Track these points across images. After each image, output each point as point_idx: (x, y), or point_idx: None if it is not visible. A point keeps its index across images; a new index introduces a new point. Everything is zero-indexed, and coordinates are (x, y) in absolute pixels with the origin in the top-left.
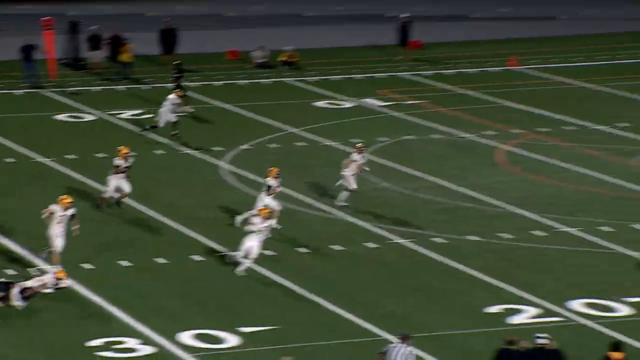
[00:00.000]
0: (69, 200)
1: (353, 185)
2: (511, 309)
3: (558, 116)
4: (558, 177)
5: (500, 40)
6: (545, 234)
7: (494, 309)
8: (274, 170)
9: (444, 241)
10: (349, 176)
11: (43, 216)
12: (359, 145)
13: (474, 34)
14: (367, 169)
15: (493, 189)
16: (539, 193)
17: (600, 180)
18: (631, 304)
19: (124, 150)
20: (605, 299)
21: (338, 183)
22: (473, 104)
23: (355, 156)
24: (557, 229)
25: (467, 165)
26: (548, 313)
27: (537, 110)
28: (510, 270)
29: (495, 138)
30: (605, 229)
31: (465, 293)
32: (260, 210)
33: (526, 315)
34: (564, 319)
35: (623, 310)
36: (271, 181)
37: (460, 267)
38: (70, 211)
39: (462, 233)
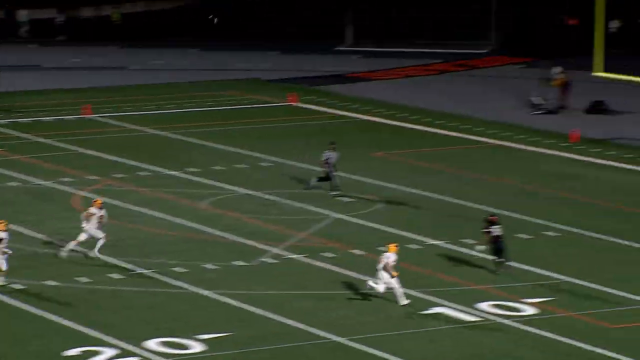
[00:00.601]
0: None
1: (100, 235)
2: (89, 351)
3: (133, 162)
4: (134, 221)
5: (74, 89)
6: (122, 276)
7: (73, 352)
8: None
9: (22, 287)
10: (91, 228)
11: None
12: (96, 200)
13: (48, 82)
14: (105, 220)
15: (71, 234)
16: (117, 237)
17: (173, 223)
18: (203, 341)
19: None
20: (178, 337)
21: (83, 238)
22: (49, 152)
23: (94, 210)
24: (133, 271)
25: (45, 211)
26: (125, 353)
27: (112, 157)
28: (88, 312)
29: (72, 184)
30: (178, 269)
31: (43, 337)
32: None
33: (104, 356)
34: (141, 359)
35: (196, 347)
36: (2, 233)
37: (40, 312)
38: None
39: (41, 278)
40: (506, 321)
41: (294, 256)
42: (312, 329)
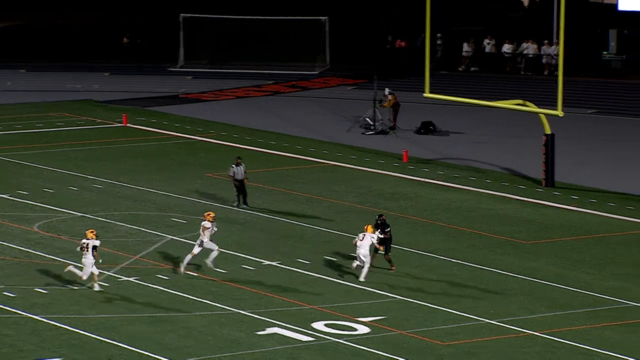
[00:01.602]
0: None
1: (215, 246)
2: None
3: None
4: None
5: None
6: None
7: None
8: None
9: None
10: (207, 241)
11: None
12: (209, 213)
13: None
14: (215, 229)
15: None
16: None
17: (3, 247)
18: None
19: None
20: None
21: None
22: None
23: (207, 224)
24: None
25: None
26: None
27: None
28: None
29: None
30: (7, 293)
31: None
32: None
33: None
34: None
35: None
36: (94, 241)
37: None
38: None
39: None
40: (340, 340)
41: (127, 279)
42: (146, 352)
